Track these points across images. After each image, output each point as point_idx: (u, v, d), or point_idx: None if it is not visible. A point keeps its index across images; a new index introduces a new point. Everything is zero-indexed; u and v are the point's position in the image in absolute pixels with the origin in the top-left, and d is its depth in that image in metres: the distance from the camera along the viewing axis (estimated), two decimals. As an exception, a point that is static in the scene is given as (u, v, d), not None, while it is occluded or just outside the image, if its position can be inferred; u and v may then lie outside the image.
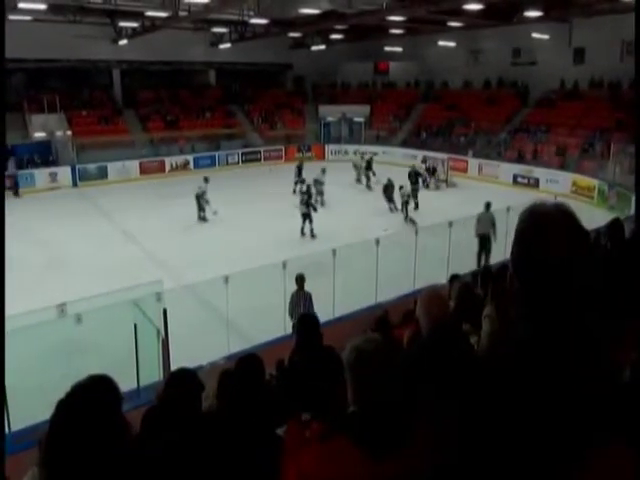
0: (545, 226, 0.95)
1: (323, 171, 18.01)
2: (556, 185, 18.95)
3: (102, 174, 21.74)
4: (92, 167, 21.47)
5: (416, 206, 16.51)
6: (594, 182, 18.19)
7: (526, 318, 0.97)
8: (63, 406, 1.48)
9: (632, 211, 14.10)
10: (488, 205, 11.68)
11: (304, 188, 15.00)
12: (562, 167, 20.07)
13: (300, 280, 7.47)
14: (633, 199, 15.21)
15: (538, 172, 20.27)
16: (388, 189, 16.50)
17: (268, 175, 22.29)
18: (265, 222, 14.97)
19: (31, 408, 4.60)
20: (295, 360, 3.56)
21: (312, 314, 3.42)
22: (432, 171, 20.56)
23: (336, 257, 8.65)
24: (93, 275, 10.71)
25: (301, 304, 7.33)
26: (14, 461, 2.64)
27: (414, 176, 17.37)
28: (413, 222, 14.66)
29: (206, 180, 15.81)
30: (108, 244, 13.32)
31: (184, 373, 2.78)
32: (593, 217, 11.80)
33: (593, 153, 20.02)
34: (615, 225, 3.99)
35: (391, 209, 16.35)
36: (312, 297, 7.45)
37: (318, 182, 17.18)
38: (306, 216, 13.89)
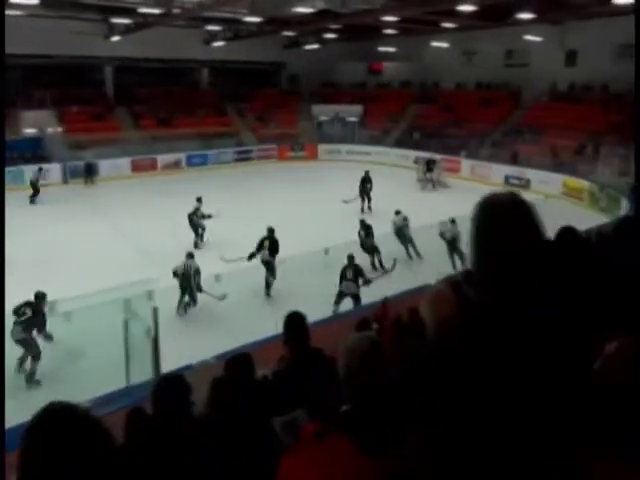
0: (499, 214, 1.02)
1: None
2: (547, 186, 19.07)
3: (93, 171, 21.58)
4: (83, 164, 21.30)
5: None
6: (584, 184, 18.33)
7: (481, 303, 1.01)
8: (32, 434, 1.29)
9: (622, 212, 14.23)
10: None
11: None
12: (554, 169, 20.20)
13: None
14: (623, 201, 15.38)
15: (530, 173, 20.39)
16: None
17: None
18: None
19: (20, 405, 4.56)
20: (287, 361, 3.54)
21: (298, 312, 3.32)
22: (429, 165, 20.41)
23: (329, 256, 8.66)
24: (84, 273, 10.64)
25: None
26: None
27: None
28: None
29: None
30: (100, 242, 13.23)
31: (169, 381, 2.73)
32: (583, 218, 11.93)
33: (585, 155, 20.16)
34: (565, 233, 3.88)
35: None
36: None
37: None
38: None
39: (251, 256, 10.14)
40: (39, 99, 21.70)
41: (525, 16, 18.31)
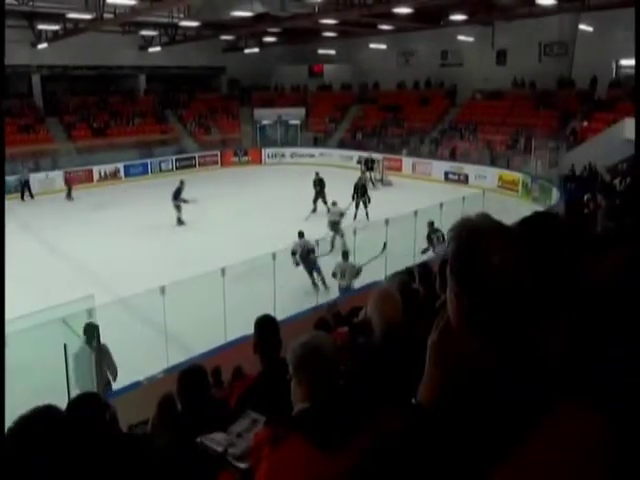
0: (482, 238, 0.93)
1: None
2: (484, 180, 19.84)
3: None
4: (10, 180, 19.80)
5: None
6: (518, 176, 19.22)
7: (475, 329, 0.95)
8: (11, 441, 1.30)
9: (553, 202, 15.03)
10: None
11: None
12: (489, 163, 21.05)
13: (89, 331, 6.03)
14: (554, 190, 16.23)
15: (467, 169, 21.14)
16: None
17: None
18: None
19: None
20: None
21: (269, 316, 3.15)
22: (370, 165, 20.68)
23: (276, 260, 8.60)
24: (19, 295, 10.00)
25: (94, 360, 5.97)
26: None
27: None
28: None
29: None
30: (34, 261, 12.52)
31: (83, 399, 2.58)
32: (518, 209, 12.51)
33: (517, 149, 21.13)
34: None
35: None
36: (109, 350, 6.11)
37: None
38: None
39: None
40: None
41: (457, 17, 18.96)
